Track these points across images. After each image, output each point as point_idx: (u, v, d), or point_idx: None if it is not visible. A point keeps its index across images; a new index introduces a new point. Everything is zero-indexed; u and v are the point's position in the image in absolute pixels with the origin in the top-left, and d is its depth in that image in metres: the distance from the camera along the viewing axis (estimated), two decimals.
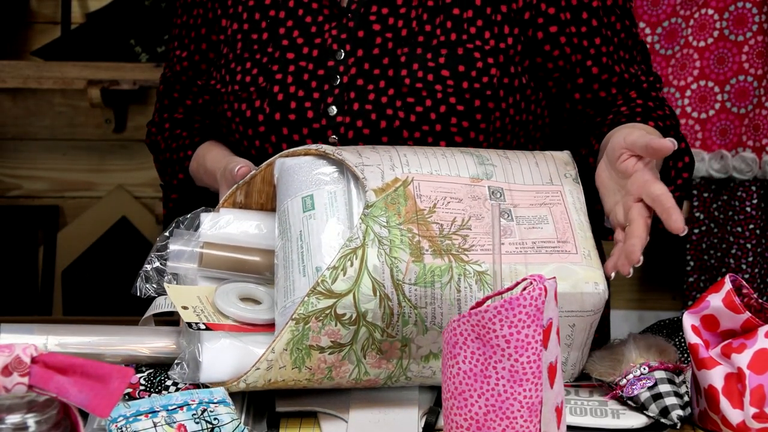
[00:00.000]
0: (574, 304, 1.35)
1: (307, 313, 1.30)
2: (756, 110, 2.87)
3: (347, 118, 1.58)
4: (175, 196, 1.77)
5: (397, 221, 1.34)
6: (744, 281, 1.33)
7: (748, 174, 2.91)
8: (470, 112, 1.57)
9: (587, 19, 1.61)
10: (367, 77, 1.59)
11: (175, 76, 1.77)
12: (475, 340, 1.13)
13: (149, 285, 1.46)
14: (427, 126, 1.56)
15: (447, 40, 1.58)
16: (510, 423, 1.12)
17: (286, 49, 1.62)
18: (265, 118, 1.60)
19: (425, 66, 1.57)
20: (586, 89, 1.63)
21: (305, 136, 1.59)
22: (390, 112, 1.57)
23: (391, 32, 1.59)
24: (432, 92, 1.56)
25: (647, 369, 1.37)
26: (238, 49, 1.65)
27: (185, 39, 1.74)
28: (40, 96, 3.29)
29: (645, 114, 1.59)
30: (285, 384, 1.34)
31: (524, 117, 1.62)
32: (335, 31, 1.61)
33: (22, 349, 1.01)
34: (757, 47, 2.85)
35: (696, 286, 3.01)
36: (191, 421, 1.24)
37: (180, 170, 1.72)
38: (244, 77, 1.63)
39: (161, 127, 1.78)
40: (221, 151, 1.66)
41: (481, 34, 1.59)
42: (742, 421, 1.29)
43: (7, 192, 3.30)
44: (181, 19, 1.75)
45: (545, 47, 1.61)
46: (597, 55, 1.62)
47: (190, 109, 1.77)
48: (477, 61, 1.58)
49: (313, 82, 1.60)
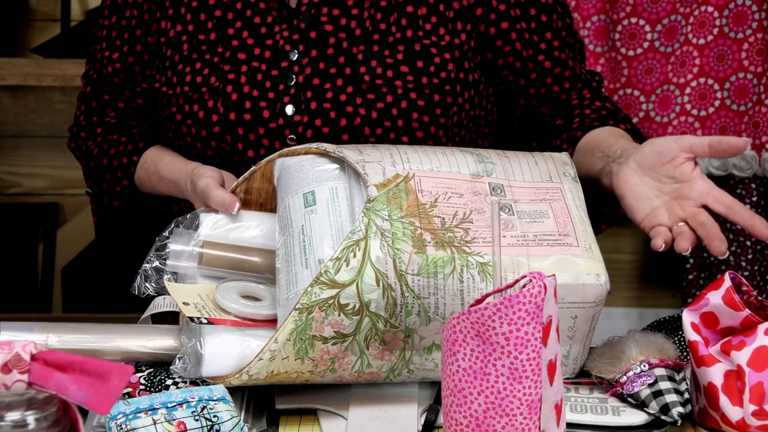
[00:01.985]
0: (576, 296, 1.36)
1: (311, 303, 1.30)
2: (756, 108, 2.87)
3: (305, 117, 1.57)
4: (117, 204, 1.73)
5: (399, 215, 1.34)
6: (743, 279, 1.33)
7: (748, 171, 2.91)
8: (430, 107, 1.57)
9: (536, 14, 1.63)
10: (323, 76, 1.58)
11: (105, 78, 1.72)
12: (475, 338, 1.13)
13: (148, 284, 1.46)
14: (389, 122, 1.57)
15: (403, 36, 1.59)
16: (509, 420, 1.12)
17: (237, 50, 1.60)
18: (219, 118, 1.59)
19: (384, 62, 1.57)
20: (540, 84, 1.65)
21: (261, 135, 1.58)
22: (350, 110, 1.57)
23: (344, 32, 1.59)
24: (392, 88, 1.57)
25: (647, 366, 1.37)
26: (184, 51, 1.63)
27: (116, 40, 1.70)
28: (39, 93, 3.29)
29: (613, 117, 1.63)
30: (287, 376, 1.34)
31: (477, 112, 1.63)
32: (286, 33, 1.60)
33: (22, 347, 1.01)
34: (756, 44, 2.85)
35: (696, 283, 3.01)
36: (191, 419, 1.24)
37: (124, 177, 1.67)
38: (195, 78, 1.61)
39: (91, 132, 1.73)
40: (174, 158, 1.63)
41: (436, 30, 1.59)
42: (741, 419, 1.29)
43: (7, 189, 3.30)
44: (109, 20, 1.71)
45: (497, 43, 1.63)
46: (549, 50, 1.64)
47: (122, 113, 1.72)
48: (434, 57, 1.58)
49: (267, 82, 1.59)
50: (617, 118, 1.63)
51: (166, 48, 1.65)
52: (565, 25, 1.67)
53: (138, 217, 1.73)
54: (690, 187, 1.38)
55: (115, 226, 1.76)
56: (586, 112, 1.64)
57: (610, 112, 1.64)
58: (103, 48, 1.71)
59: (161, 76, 1.65)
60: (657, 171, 1.40)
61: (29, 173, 3.32)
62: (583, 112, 1.64)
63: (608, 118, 1.63)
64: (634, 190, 1.42)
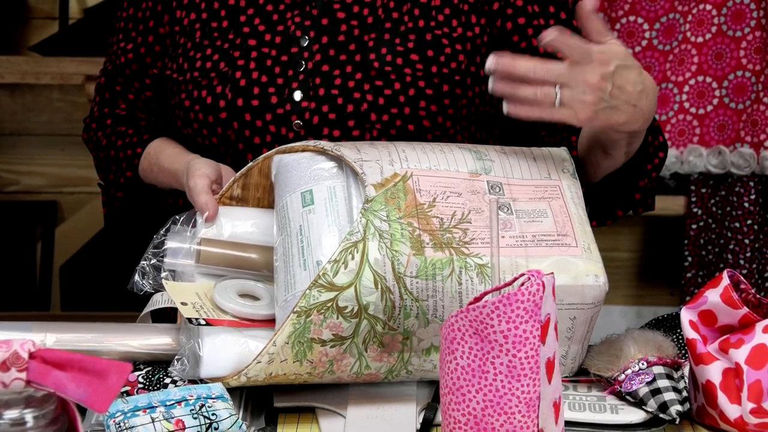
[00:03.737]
0: (575, 297, 1.36)
1: (309, 306, 1.30)
2: (754, 106, 2.87)
3: (312, 103, 1.57)
4: (120, 195, 1.74)
5: (398, 215, 1.34)
6: (742, 277, 1.33)
7: (746, 169, 2.91)
8: (439, 96, 1.57)
9: (555, 12, 1.62)
10: (332, 63, 1.58)
11: (118, 69, 1.73)
12: (473, 336, 1.13)
13: (146, 281, 1.46)
14: (396, 109, 1.56)
15: (415, 26, 1.59)
16: (508, 418, 1.12)
17: (248, 36, 1.61)
18: (227, 103, 1.59)
19: (394, 50, 1.57)
20: None
21: (269, 122, 1.58)
22: (357, 96, 1.56)
23: (356, 20, 1.59)
24: (401, 75, 1.57)
25: (645, 364, 1.37)
26: (197, 38, 1.63)
27: (131, 32, 1.71)
28: (37, 91, 3.29)
29: None
30: (286, 378, 1.34)
31: (488, 109, 1.63)
32: (298, 19, 1.61)
33: (20, 345, 1.01)
34: (755, 43, 2.85)
35: (694, 281, 3.01)
36: (189, 417, 1.24)
37: (128, 168, 1.69)
38: (205, 63, 1.61)
39: (102, 123, 1.74)
40: (176, 149, 1.64)
41: (449, 21, 1.59)
42: (739, 416, 1.29)
43: (5, 188, 3.30)
44: (127, 12, 1.72)
45: (513, 38, 1.62)
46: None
47: (132, 105, 1.74)
48: (445, 47, 1.58)
49: (276, 68, 1.59)
50: None
51: (179, 36, 1.66)
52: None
53: (144, 210, 1.73)
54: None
55: (122, 218, 1.76)
56: None
57: None
58: (119, 39, 1.73)
59: (173, 63, 1.66)
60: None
61: (27, 171, 3.31)
62: None
63: None
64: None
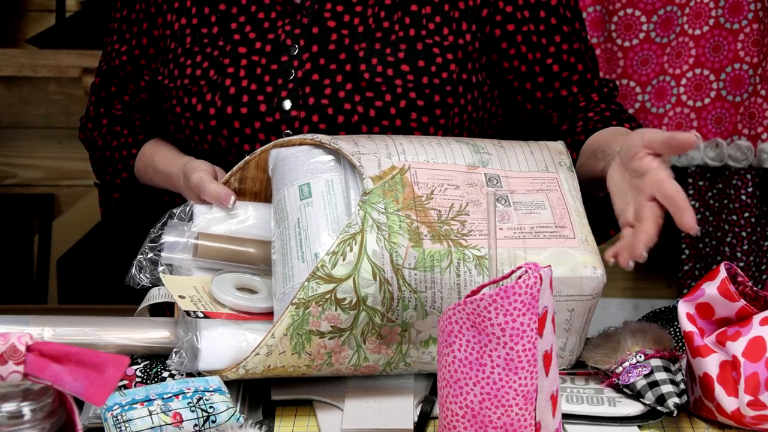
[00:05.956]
0: (573, 289, 1.36)
1: (307, 298, 1.30)
2: (751, 98, 2.87)
3: (302, 112, 1.57)
4: (117, 196, 1.74)
5: (395, 208, 1.34)
6: (739, 269, 1.33)
7: (744, 162, 2.91)
8: (430, 107, 1.56)
9: (545, 17, 1.61)
10: (322, 72, 1.57)
11: (113, 70, 1.73)
12: (471, 329, 1.13)
13: (143, 275, 1.45)
14: (387, 121, 1.56)
15: (406, 35, 1.58)
16: (505, 411, 1.13)
17: (238, 44, 1.60)
18: (216, 111, 1.58)
19: (384, 61, 1.56)
20: (548, 88, 1.63)
21: (258, 130, 1.58)
22: (348, 107, 1.56)
23: (347, 29, 1.58)
24: (392, 87, 1.56)
25: (643, 357, 1.37)
26: (187, 44, 1.63)
27: (126, 33, 1.71)
28: (34, 84, 3.28)
29: (617, 117, 1.60)
30: (284, 370, 1.34)
31: (480, 114, 1.62)
32: (288, 27, 1.60)
33: (18, 338, 1.01)
34: (752, 35, 2.85)
35: (691, 274, 3.01)
36: (187, 410, 1.24)
37: (124, 169, 1.69)
38: (195, 71, 1.61)
39: (97, 123, 1.75)
40: (170, 151, 1.64)
41: (440, 30, 1.58)
42: (736, 409, 1.29)
43: (2, 180, 3.30)
44: (121, 13, 1.72)
45: (502, 45, 1.61)
46: (557, 53, 1.62)
47: (127, 106, 1.74)
48: (436, 57, 1.57)
49: (266, 76, 1.58)
50: (621, 118, 1.60)
51: (170, 41, 1.65)
52: (575, 30, 1.64)
53: (140, 210, 1.73)
54: (645, 181, 1.36)
55: (119, 219, 1.76)
56: (590, 115, 1.61)
57: (614, 112, 1.62)
58: (114, 41, 1.73)
59: (164, 69, 1.65)
60: (627, 166, 1.39)
61: (24, 164, 3.31)
62: (586, 115, 1.61)
63: (612, 119, 1.60)
64: (616, 185, 1.39)
